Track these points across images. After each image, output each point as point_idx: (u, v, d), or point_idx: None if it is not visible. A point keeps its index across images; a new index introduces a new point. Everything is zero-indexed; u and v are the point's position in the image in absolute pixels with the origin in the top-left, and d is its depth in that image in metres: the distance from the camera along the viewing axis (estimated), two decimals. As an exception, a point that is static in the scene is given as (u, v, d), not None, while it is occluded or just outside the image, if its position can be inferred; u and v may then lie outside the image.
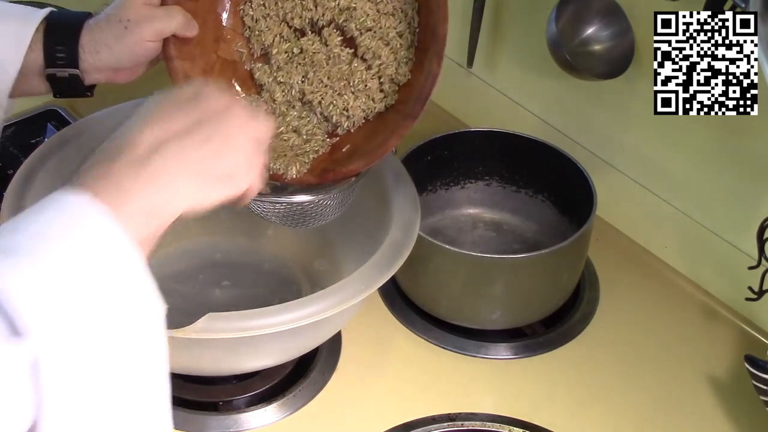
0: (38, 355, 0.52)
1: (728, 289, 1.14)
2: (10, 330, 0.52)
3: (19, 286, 0.53)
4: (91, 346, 0.55)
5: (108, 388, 0.56)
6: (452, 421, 1.00)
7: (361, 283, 0.90)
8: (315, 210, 0.92)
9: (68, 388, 0.54)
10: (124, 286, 0.58)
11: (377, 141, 0.89)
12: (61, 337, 0.53)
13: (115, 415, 0.57)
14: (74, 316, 0.55)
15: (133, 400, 0.58)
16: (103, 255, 0.57)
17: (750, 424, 1.01)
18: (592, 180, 1.12)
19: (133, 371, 0.58)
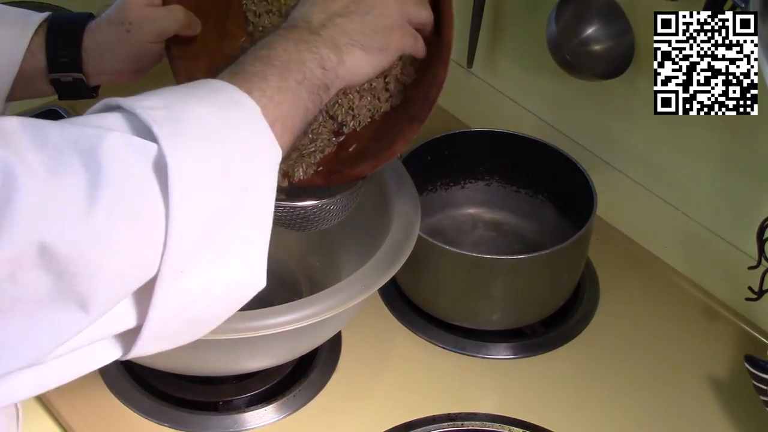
0: (167, 159, 0.56)
1: (728, 289, 1.14)
2: (143, 136, 0.58)
3: (155, 110, 0.59)
4: (212, 164, 0.60)
5: (224, 207, 0.60)
6: (452, 421, 1.00)
7: (362, 284, 0.90)
8: (318, 214, 0.92)
9: (191, 197, 0.58)
10: (243, 127, 0.64)
11: (384, 143, 0.89)
12: (188, 151, 0.58)
13: (226, 240, 0.61)
14: (199, 138, 0.60)
15: (242, 228, 0.62)
16: (221, 100, 0.64)
17: (750, 424, 1.01)
18: (592, 180, 1.12)
19: (247, 194, 0.62)
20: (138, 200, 0.56)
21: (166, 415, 0.99)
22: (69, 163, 0.54)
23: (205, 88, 0.65)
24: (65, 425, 0.99)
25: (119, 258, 0.56)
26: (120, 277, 0.56)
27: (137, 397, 1.01)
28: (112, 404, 1.00)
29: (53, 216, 0.53)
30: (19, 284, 0.52)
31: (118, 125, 0.59)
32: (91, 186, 0.54)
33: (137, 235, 0.56)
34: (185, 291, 0.60)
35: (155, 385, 1.02)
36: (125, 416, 0.99)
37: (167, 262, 0.57)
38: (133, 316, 0.60)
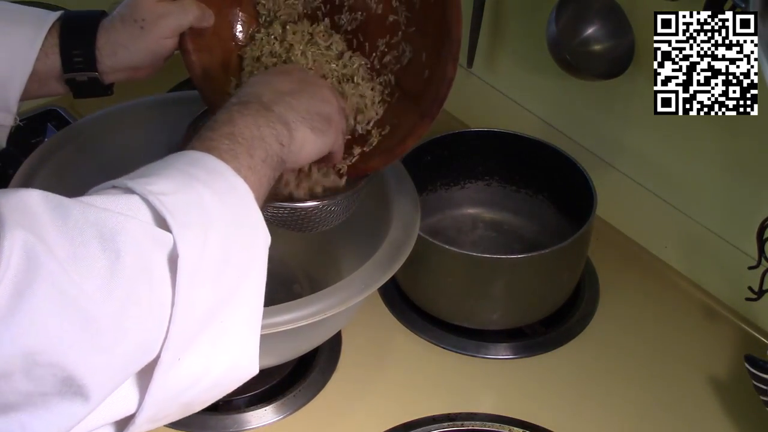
0: (179, 251, 0.59)
1: (728, 289, 1.14)
2: (159, 225, 0.59)
3: (166, 196, 0.61)
4: (215, 254, 0.61)
5: (222, 295, 0.62)
6: (452, 421, 1.00)
7: (362, 283, 0.90)
8: (319, 215, 0.92)
9: (197, 286, 0.60)
10: (239, 211, 0.66)
11: (395, 139, 0.89)
12: (196, 241, 0.60)
13: (222, 326, 0.63)
14: (204, 228, 0.62)
15: (237, 315, 0.64)
16: (221, 184, 0.65)
17: (750, 424, 1.01)
18: (592, 180, 1.12)
19: (242, 283, 0.64)
20: (149, 289, 0.57)
21: (166, 415, 0.99)
22: (89, 247, 0.55)
23: (201, 166, 0.66)
24: (65, 425, 0.99)
25: (126, 345, 0.57)
26: (124, 364, 0.57)
27: (137, 396, 1.01)
28: (112, 404, 1.00)
29: (70, 306, 0.53)
30: (33, 380, 0.53)
31: (135, 212, 0.59)
32: (109, 274, 0.55)
33: (144, 322, 0.57)
34: (182, 377, 0.61)
35: (155, 384, 1.02)
36: (125, 416, 0.99)
37: (167, 348, 0.59)
38: (130, 402, 0.60)
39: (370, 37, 0.93)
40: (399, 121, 0.90)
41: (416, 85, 0.90)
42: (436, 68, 0.87)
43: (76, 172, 1.01)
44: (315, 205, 0.91)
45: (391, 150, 0.89)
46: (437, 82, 0.86)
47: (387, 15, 0.92)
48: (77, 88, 0.88)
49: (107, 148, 1.06)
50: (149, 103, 1.13)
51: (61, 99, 1.39)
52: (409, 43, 0.91)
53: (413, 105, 0.89)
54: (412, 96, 0.90)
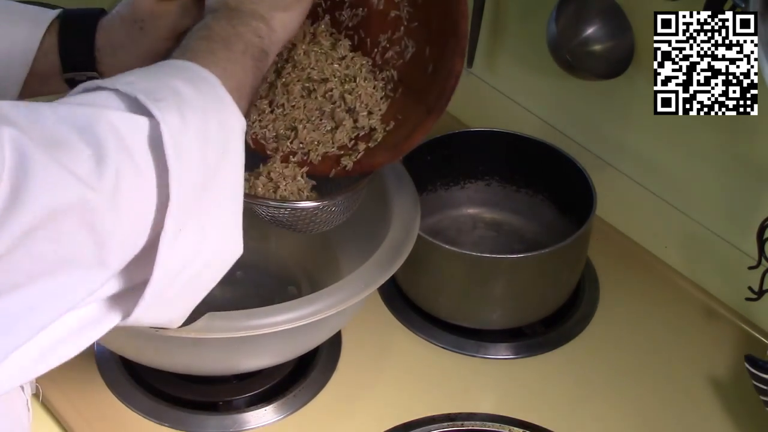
0: (160, 124, 0.60)
1: (728, 289, 1.14)
2: (134, 110, 0.61)
3: (135, 84, 0.62)
4: (195, 128, 0.63)
5: (207, 172, 0.64)
6: (452, 421, 1.00)
7: (361, 283, 0.90)
8: (319, 216, 0.92)
9: (184, 157, 0.61)
10: (213, 98, 0.67)
11: (401, 134, 0.89)
12: (174, 115, 0.61)
13: (210, 203, 0.65)
14: (180, 107, 0.63)
15: (221, 195, 0.66)
16: (191, 74, 0.67)
17: (750, 424, 1.01)
18: (592, 180, 1.12)
19: (222, 163, 0.66)
20: (136, 167, 0.59)
21: (166, 415, 0.99)
22: (70, 140, 0.57)
23: (169, 66, 0.69)
24: (65, 425, 0.99)
25: (126, 221, 0.59)
26: (127, 239, 0.60)
27: (137, 396, 1.01)
28: (112, 404, 1.00)
29: (67, 185, 0.55)
30: (58, 243, 0.56)
31: (108, 102, 0.61)
32: (96, 157, 0.57)
33: (138, 200, 0.60)
34: (182, 251, 0.63)
35: (155, 385, 1.02)
36: (125, 416, 0.99)
37: (170, 221, 0.61)
38: (134, 276, 0.63)
39: (371, 33, 0.92)
40: (403, 117, 0.90)
41: (420, 80, 0.89)
42: (440, 63, 0.87)
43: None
44: (315, 205, 0.91)
45: (398, 146, 0.88)
46: (443, 77, 0.86)
47: (389, 11, 0.91)
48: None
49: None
50: (149, 103, 1.12)
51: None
52: (411, 39, 0.90)
53: (417, 101, 0.89)
54: (416, 91, 0.90)
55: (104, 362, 1.04)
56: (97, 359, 1.04)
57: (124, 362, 1.03)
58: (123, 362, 1.03)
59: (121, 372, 1.03)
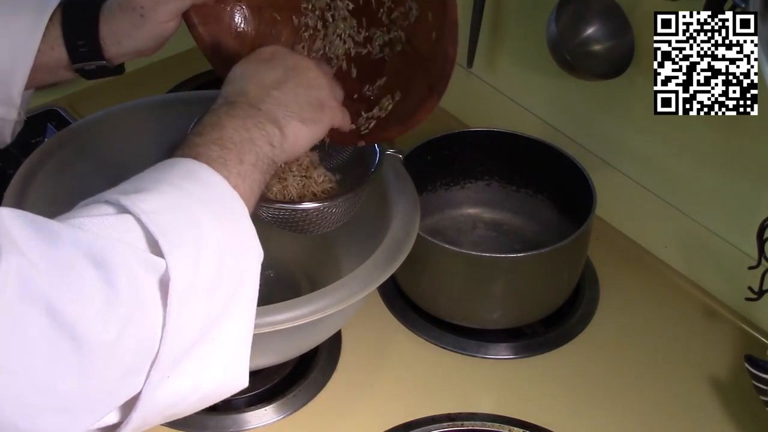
0: (170, 274, 0.58)
1: (728, 289, 1.14)
2: (151, 249, 0.59)
3: (159, 215, 0.60)
4: (207, 275, 0.61)
5: (214, 313, 0.62)
6: (452, 421, 1.00)
7: (361, 282, 0.90)
8: (320, 218, 0.92)
9: (188, 308, 0.59)
10: (233, 228, 0.65)
11: (408, 108, 0.88)
12: (188, 262, 0.60)
13: (212, 345, 0.63)
14: (198, 248, 0.61)
15: (228, 333, 0.64)
16: (215, 200, 0.65)
17: (750, 424, 1.01)
18: (592, 180, 1.12)
19: (233, 300, 0.64)
20: (143, 314, 0.58)
21: (166, 415, 0.99)
22: (83, 274, 0.55)
23: (194, 178, 0.65)
24: (65, 425, 0.99)
25: (117, 369, 0.57)
26: (113, 387, 0.58)
27: (137, 396, 1.01)
28: (112, 404, 1.00)
29: (66, 332, 0.53)
30: (23, 406, 0.53)
31: (127, 235, 0.59)
32: (105, 300, 0.55)
33: (138, 347, 0.58)
34: (170, 394, 0.61)
35: (155, 384, 1.02)
36: (125, 416, 0.99)
37: (156, 369, 0.59)
38: (116, 414, 0.61)
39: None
40: (411, 87, 0.89)
41: (426, 46, 0.88)
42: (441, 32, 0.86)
43: (76, 172, 1.01)
44: (316, 206, 0.91)
45: (406, 119, 0.88)
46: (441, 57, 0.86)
47: None
48: (87, 74, 0.88)
49: (107, 148, 1.06)
50: (149, 103, 1.12)
51: (61, 99, 1.40)
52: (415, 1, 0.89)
53: (424, 70, 0.88)
54: (424, 57, 0.89)
55: (104, 362, 1.04)
56: (97, 359, 1.04)
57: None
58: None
59: (121, 372, 1.03)
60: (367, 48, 0.93)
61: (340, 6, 0.93)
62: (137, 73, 1.34)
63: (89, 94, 1.39)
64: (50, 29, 0.84)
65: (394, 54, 0.92)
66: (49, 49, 0.84)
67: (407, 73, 0.90)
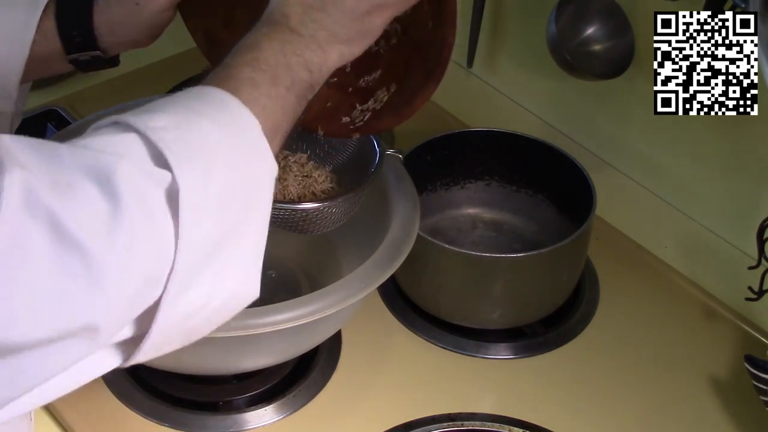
0: (179, 187, 0.58)
1: (728, 289, 1.14)
2: (156, 162, 0.59)
3: (166, 131, 0.60)
4: (219, 188, 0.61)
5: (227, 227, 0.62)
6: (452, 421, 1.00)
7: (361, 282, 0.90)
8: (320, 217, 0.92)
9: (201, 221, 0.60)
10: (246, 145, 0.65)
11: (404, 97, 0.87)
12: (197, 175, 0.60)
13: (227, 257, 0.63)
14: (207, 161, 0.61)
15: (241, 246, 0.64)
16: (226, 116, 0.64)
17: (750, 424, 1.01)
18: (592, 180, 1.12)
19: (248, 213, 0.64)
20: (153, 225, 0.58)
21: (166, 415, 0.99)
22: (86, 190, 0.55)
23: (207, 101, 0.65)
24: (65, 425, 0.99)
25: (132, 284, 0.57)
26: (130, 302, 0.58)
27: (137, 397, 1.01)
28: (112, 404, 1.00)
29: (74, 248, 0.53)
30: (37, 325, 0.53)
31: (131, 151, 0.59)
32: (111, 215, 0.55)
33: (151, 259, 0.58)
34: (187, 306, 0.61)
35: (155, 385, 1.02)
36: (125, 416, 0.99)
37: (173, 282, 0.59)
38: (135, 328, 0.61)
39: None
40: (406, 78, 0.88)
41: (423, 35, 0.87)
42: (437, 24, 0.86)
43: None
44: (316, 206, 0.91)
45: (401, 109, 0.87)
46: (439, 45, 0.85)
47: None
48: (82, 65, 0.87)
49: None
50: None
51: (61, 99, 1.39)
52: None
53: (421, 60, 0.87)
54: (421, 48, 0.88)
55: (104, 362, 1.04)
56: (97, 359, 1.04)
57: (124, 362, 1.03)
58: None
59: (121, 372, 1.03)
60: None
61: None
62: (137, 73, 1.34)
63: (89, 94, 1.39)
64: (44, 20, 0.84)
65: (389, 46, 0.91)
66: (43, 39, 0.84)
67: (402, 65, 0.90)
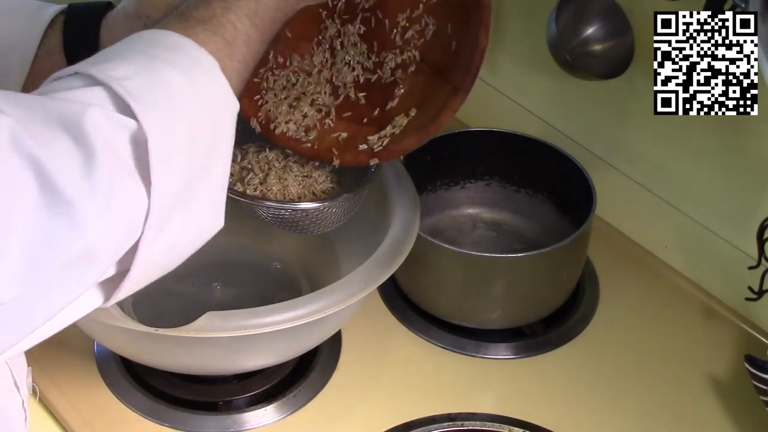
0: (146, 134, 0.60)
1: (728, 289, 1.14)
2: (122, 111, 0.60)
3: (128, 80, 0.61)
4: (184, 131, 0.63)
5: (194, 170, 0.64)
6: (452, 421, 1.00)
7: (361, 282, 0.90)
8: (320, 217, 0.92)
9: (170, 165, 0.61)
10: (207, 87, 0.66)
11: (427, 117, 0.87)
12: (162, 121, 0.61)
13: (195, 194, 0.65)
14: (170, 108, 0.63)
15: (208, 182, 0.66)
16: (184, 59, 0.66)
17: (750, 424, 1.01)
18: (592, 180, 1.12)
19: (212, 152, 0.66)
20: (124, 171, 0.60)
21: (166, 415, 0.99)
22: (60, 138, 0.57)
23: (165, 45, 0.67)
24: (65, 425, 0.99)
25: (115, 228, 0.59)
26: (114, 246, 0.60)
27: (137, 397, 1.01)
28: (112, 404, 1.00)
29: (56, 195, 0.55)
30: (47, 247, 0.55)
31: (97, 100, 0.61)
32: (85, 162, 0.57)
33: (126, 204, 0.60)
34: (163, 244, 0.64)
35: (155, 385, 1.02)
36: (125, 416, 0.99)
37: (149, 225, 0.61)
38: (116, 267, 0.63)
39: (389, 13, 0.89)
40: (428, 99, 0.87)
41: (444, 59, 0.87)
42: (464, 39, 0.85)
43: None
44: (316, 206, 0.91)
45: (425, 128, 0.86)
46: (468, 53, 0.84)
47: None
48: None
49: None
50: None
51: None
52: (431, 16, 0.88)
53: (442, 80, 0.87)
54: (441, 71, 0.87)
55: (104, 362, 1.04)
56: (97, 359, 1.04)
57: (124, 362, 1.03)
58: (123, 362, 1.03)
59: (121, 372, 1.03)
60: (377, 73, 0.91)
61: (351, 31, 0.91)
62: (137, 73, 1.34)
63: (89, 94, 1.39)
64: (50, 35, 0.84)
65: (406, 75, 0.90)
66: (47, 55, 0.84)
67: (420, 89, 0.89)
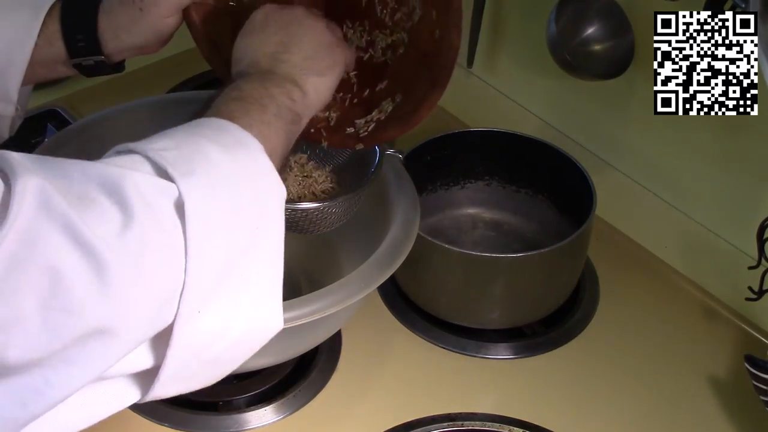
0: (183, 198, 0.58)
1: (728, 289, 1.14)
2: (161, 176, 0.60)
3: (167, 151, 0.61)
4: (224, 203, 0.61)
5: (238, 247, 0.62)
6: (452, 421, 1.00)
7: (361, 282, 0.90)
8: (320, 217, 0.92)
9: (209, 235, 0.59)
10: (250, 166, 0.65)
11: (409, 107, 0.88)
12: (200, 188, 0.60)
13: (241, 280, 0.63)
14: (209, 176, 0.61)
15: (256, 269, 0.64)
16: (227, 137, 0.66)
17: (750, 424, 1.01)
18: (592, 180, 1.12)
19: (257, 235, 0.64)
20: (161, 235, 0.58)
21: (166, 415, 0.99)
22: (97, 199, 0.56)
23: (208, 127, 0.66)
24: (65, 425, 0.99)
25: (145, 294, 0.57)
26: (145, 315, 0.57)
27: (137, 396, 1.01)
28: (112, 404, 1.00)
29: (86, 252, 0.53)
30: (49, 328, 0.53)
31: (137, 166, 0.60)
32: (121, 221, 0.55)
33: (161, 271, 0.58)
34: (202, 332, 0.61)
35: (155, 384, 1.02)
36: (124, 415, 0.99)
37: (185, 301, 0.59)
38: (151, 356, 0.61)
39: None
40: (412, 88, 0.89)
41: (430, 45, 0.87)
42: (444, 29, 0.86)
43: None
44: (316, 206, 0.91)
45: (406, 118, 0.87)
46: (446, 49, 0.85)
47: None
48: (86, 70, 0.87)
49: (107, 148, 1.05)
50: (149, 103, 1.12)
51: (61, 99, 1.40)
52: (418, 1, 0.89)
53: (427, 68, 0.87)
54: (428, 56, 0.88)
55: (104, 362, 1.04)
56: (97, 359, 1.04)
57: (124, 362, 1.03)
58: (123, 362, 1.03)
59: (121, 372, 1.03)
60: (369, 52, 0.92)
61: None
62: (137, 73, 1.34)
63: (89, 94, 1.39)
64: (49, 24, 0.84)
65: (396, 56, 0.91)
66: (47, 44, 0.84)
67: (408, 75, 0.90)
